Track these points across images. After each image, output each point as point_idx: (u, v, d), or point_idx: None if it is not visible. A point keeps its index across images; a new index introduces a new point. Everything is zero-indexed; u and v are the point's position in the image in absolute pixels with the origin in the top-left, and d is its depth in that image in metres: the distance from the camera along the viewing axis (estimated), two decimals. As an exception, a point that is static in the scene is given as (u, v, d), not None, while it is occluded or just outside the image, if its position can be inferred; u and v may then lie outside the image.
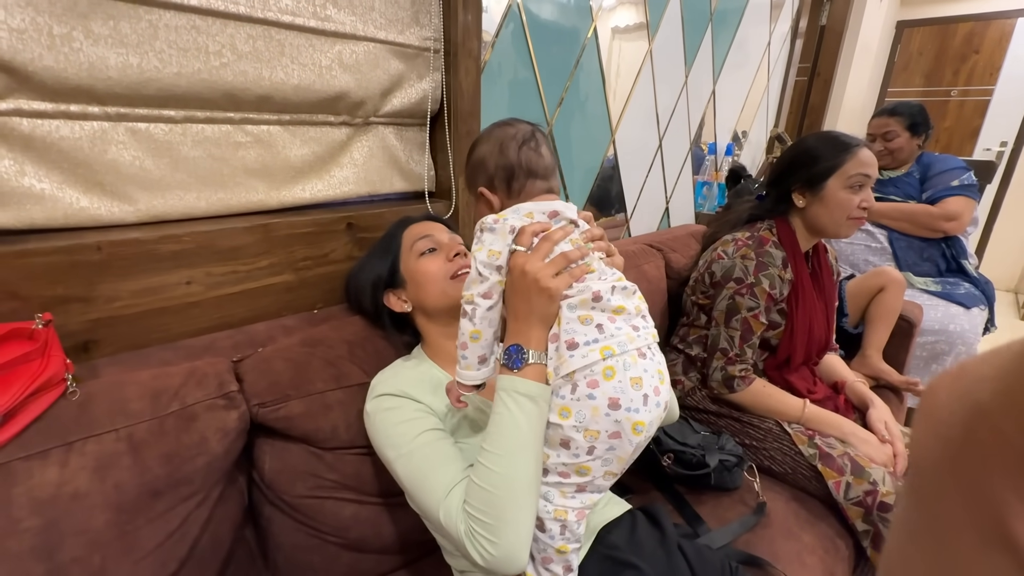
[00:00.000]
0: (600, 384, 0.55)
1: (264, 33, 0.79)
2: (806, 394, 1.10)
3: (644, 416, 0.56)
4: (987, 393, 0.20)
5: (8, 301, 0.64)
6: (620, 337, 0.57)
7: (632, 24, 1.54)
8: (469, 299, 0.61)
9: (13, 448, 0.54)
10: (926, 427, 0.23)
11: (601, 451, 0.57)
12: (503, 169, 0.65)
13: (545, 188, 0.66)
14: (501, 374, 0.60)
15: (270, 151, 0.86)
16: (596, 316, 0.58)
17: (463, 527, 0.57)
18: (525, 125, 0.67)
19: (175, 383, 0.65)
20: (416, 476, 0.63)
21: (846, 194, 1.03)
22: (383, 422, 0.68)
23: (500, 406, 0.58)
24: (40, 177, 0.67)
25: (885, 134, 1.75)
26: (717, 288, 1.10)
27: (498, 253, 0.60)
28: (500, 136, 0.66)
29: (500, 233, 0.61)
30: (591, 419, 0.55)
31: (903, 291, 1.43)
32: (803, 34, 2.52)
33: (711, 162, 2.13)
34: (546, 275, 0.57)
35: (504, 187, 0.65)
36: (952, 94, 3.43)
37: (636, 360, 0.57)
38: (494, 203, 0.66)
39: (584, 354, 0.56)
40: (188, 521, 0.62)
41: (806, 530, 0.93)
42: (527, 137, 0.65)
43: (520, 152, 0.64)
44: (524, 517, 0.56)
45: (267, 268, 0.87)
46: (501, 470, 0.56)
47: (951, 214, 1.66)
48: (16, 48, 0.61)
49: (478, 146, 0.68)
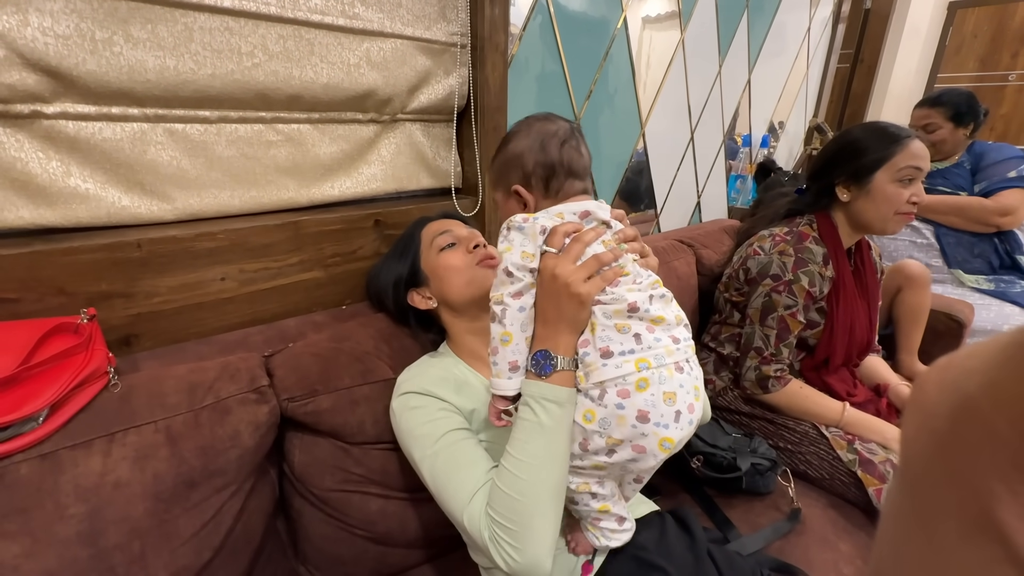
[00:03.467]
0: (631, 395, 0.53)
1: (294, 33, 0.80)
2: (846, 397, 1.06)
3: (674, 433, 0.54)
4: (974, 386, 0.20)
5: (56, 296, 0.67)
6: (658, 349, 0.55)
7: (664, 13, 1.49)
8: (499, 299, 0.59)
9: (60, 438, 0.57)
10: (915, 419, 0.24)
11: (622, 459, 0.55)
12: (543, 167, 0.62)
13: (582, 188, 0.63)
14: (528, 379, 0.58)
15: (300, 149, 0.88)
16: (634, 326, 0.55)
17: (487, 533, 0.56)
18: (564, 122, 0.64)
19: (210, 377, 0.67)
20: (440, 479, 0.63)
21: (895, 188, 0.97)
22: (408, 422, 0.68)
23: (526, 411, 0.57)
24: (85, 177, 0.70)
25: (926, 126, 1.65)
26: (752, 285, 1.06)
27: (531, 255, 0.58)
28: (541, 132, 0.63)
29: (530, 233, 0.58)
30: (616, 427, 0.54)
31: (926, 286, 1.33)
32: (846, 18, 2.41)
33: (745, 155, 2.06)
34: (577, 279, 0.55)
35: (542, 186, 0.62)
36: (1010, 79, 3.21)
37: (672, 374, 0.54)
38: (529, 203, 0.63)
39: (618, 364, 0.54)
40: (222, 511, 0.64)
41: (843, 539, 0.90)
42: (568, 135, 0.63)
43: (563, 150, 0.61)
44: (549, 525, 0.56)
45: (297, 265, 0.88)
46: (526, 476, 0.55)
47: (1006, 208, 1.56)
48: (62, 54, 0.63)
49: (515, 140, 0.64)
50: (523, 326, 0.58)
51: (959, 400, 0.20)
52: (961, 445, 0.20)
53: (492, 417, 0.61)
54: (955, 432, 0.20)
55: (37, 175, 0.66)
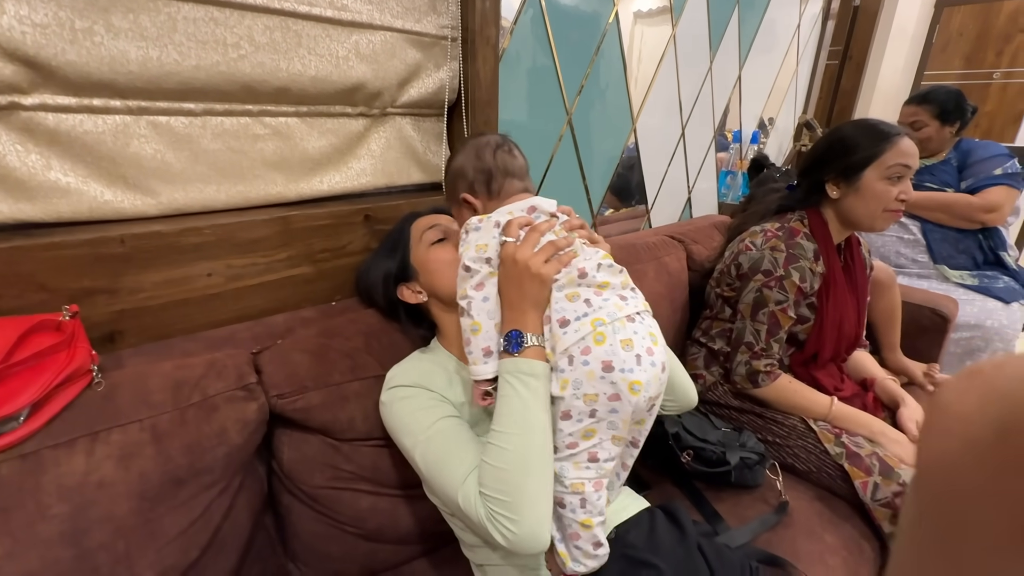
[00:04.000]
0: (592, 349, 0.58)
1: (281, 24, 0.78)
2: (833, 391, 1.07)
3: (640, 375, 0.58)
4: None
5: (36, 293, 0.65)
6: (608, 308, 0.60)
7: (655, 8, 1.49)
8: (463, 295, 0.64)
9: (42, 437, 0.55)
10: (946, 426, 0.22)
11: (603, 412, 0.59)
12: (481, 172, 0.69)
13: (522, 187, 0.70)
14: (503, 359, 0.62)
15: (288, 143, 0.86)
16: (583, 292, 0.61)
17: (483, 511, 0.57)
18: (496, 135, 0.72)
19: (196, 374, 0.66)
20: (434, 463, 0.63)
21: (884, 185, 0.98)
22: (399, 410, 0.69)
23: (505, 387, 0.60)
24: (66, 171, 0.68)
25: (913, 123, 1.66)
26: (744, 280, 1.07)
27: (485, 246, 0.63)
28: (474, 145, 0.71)
29: (485, 229, 0.65)
30: (587, 383, 0.58)
31: (892, 285, 1.33)
32: (835, 15, 2.42)
33: (736, 151, 2.07)
34: (537, 261, 0.60)
35: (484, 189, 0.69)
36: (994, 76, 3.25)
37: (625, 324, 0.60)
38: (477, 206, 0.70)
39: (576, 328, 0.59)
40: (210, 509, 0.63)
41: (829, 531, 0.91)
42: (499, 143, 0.70)
43: (496, 155, 0.69)
44: (541, 492, 0.57)
45: (286, 260, 0.87)
46: (513, 447, 0.57)
47: (992, 205, 1.58)
48: (40, 43, 0.61)
49: (454, 159, 0.72)
50: (490, 314, 0.63)
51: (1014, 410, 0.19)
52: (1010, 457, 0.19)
53: (476, 399, 0.65)
54: (1004, 443, 0.19)
55: (16, 168, 0.64)
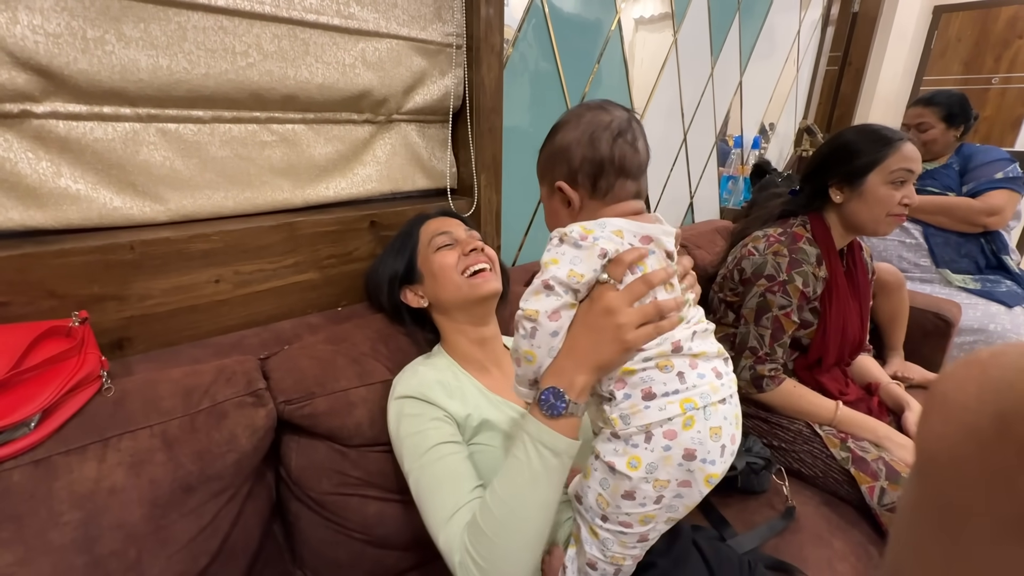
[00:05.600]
0: (678, 435, 0.50)
1: (289, 32, 0.79)
2: (838, 395, 1.07)
3: (719, 468, 0.52)
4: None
5: (47, 299, 0.66)
6: (703, 387, 0.51)
7: (657, 15, 1.50)
8: (531, 315, 0.52)
9: (53, 443, 0.56)
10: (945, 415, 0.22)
11: (668, 499, 0.52)
12: (591, 163, 0.55)
13: (635, 190, 0.57)
14: (532, 414, 0.54)
15: (295, 150, 0.87)
16: (677, 363, 0.51)
17: (458, 557, 0.56)
18: (621, 111, 0.56)
19: (206, 381, 0.66)
20: (424, 494, 0.63)
21: (887, 190, 0.99)
22: (398, 432, 0.69)
23: (520, 451, 0.54)
24: (76, 178, 0.69)
25: (919, 125, 1.67)
26: (747, 285, 1.07)
27: (580, 276, 0.51)
28: (592, 123, 0.55)
29: (588, 254, 0.51)
30: (663, 468, 0.50)
31: (900, 288, 1.34)
32: (834, 21, 2.44)
33: (737, 156, 2.08)
34: (631, 323, 0.50)
35: (588, 184, 0.55)
36: (993, 82, 3.27)
37: (717, 407, 0.51)
38: (574, 201, 0.56)
39: (662, 406, 0.50)
40: (219, 516, 0.63)
41: (837, 536, 0.91)
42: (623, 127, 0.55)
43: (614, 145, 0.54)
44: (521, 568, 0.54)
45: (293, 266, 0.88)
46: (506, 519, 0.54)
47: (993, 208, 1.58)
48: (52, 52, 0.62)
49: (563, 131, 0.57)
50: (551, 352, 0.54)
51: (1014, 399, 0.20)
52: (1009, 446, 0.19)
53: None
54: (1004, 431, 0.20)
55: (27, 175, 0.65)
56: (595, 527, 0.54)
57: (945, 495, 0.22)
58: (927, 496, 0.24)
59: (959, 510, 0.21)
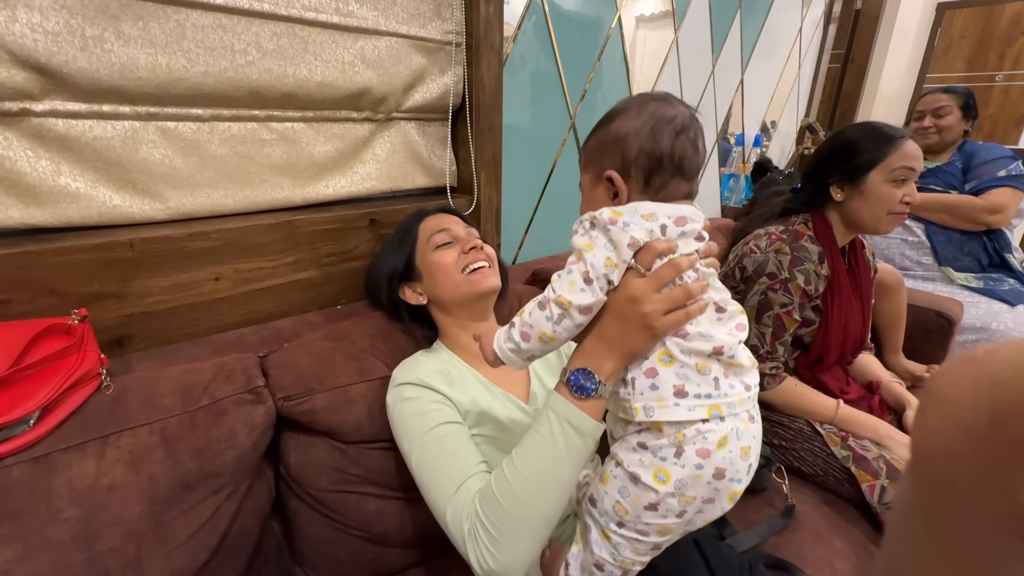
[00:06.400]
0: (712, 454, 0.49)
1: (288, 30, 0.79)
2: (839, 394, 1.07)
3: (743, 486, 0.51)
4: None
5: (47, 297, 0.66)
6: (732, 397, 0.50)
7: (658, 12, 1.50)
8: (565, 304, 0.50)
9: (52, 440, 0.56)
10: (941, 412, 0.23)
11: (691, 514, 0.51)
12: (649, 157, 0.51)
13: (686, 192, 0.54)
14: (559, 392, 0.54)
15: (294, 148, 0.87)
16: (715, 368, 0.50)
17: (467, 525, 0.55)
18: (684, 107, 0.53)
19: (205, 378, 0.67)
20: (426, 471, 0.62)
21: (888, 188, 0.98)
22: (400, 414, 0.68)
23: (545, 427, 0.53)
24: (75, 176, 0.69)
25: (937, 109, 1.66)
26: (748, 283, 1.07)
27: (615, 265, 0.50)
28: (655, 115, 0.52)
29: (618, 242, 0.50)
30: (691, 486, 0.49)
31: (900, 289, 1.34)
32: (837, 19, 2.43)
33: (738, 154, 2.07)
34: (658, 311, 0.49)
35: (641, 178, 0.52)
36: (997, 79, 3.25)
37: (747, 427, 0.51)
38: (622, 193, 0.53)
39: (691, 407, 0.49)
40: (218, 513, 0.63)
41: (837, 535, 0.90)
42: (687, 124, 0.52)
43: (676, 141, 0.51)
44: (533, 543, 0.54)
45: (292, 264, 0.88)
46: (523, 492, 0.53)
47: (996, 206, 1.58)
48: (51, 51, 0.62)
49: (621, 118, 0.54)
50: (571, 337, 0.53)
51: (1008, 397, 0.20)
52: (1004, 443, 0.19)
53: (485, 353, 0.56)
54: (998, 429, 0.20)
55: (26, 174, 0.65)
56: (608, 531, 0.54)
57: (940, 491, 0.22)
58: (922, 492, 0.24)
59: (954, 506, 0.22)
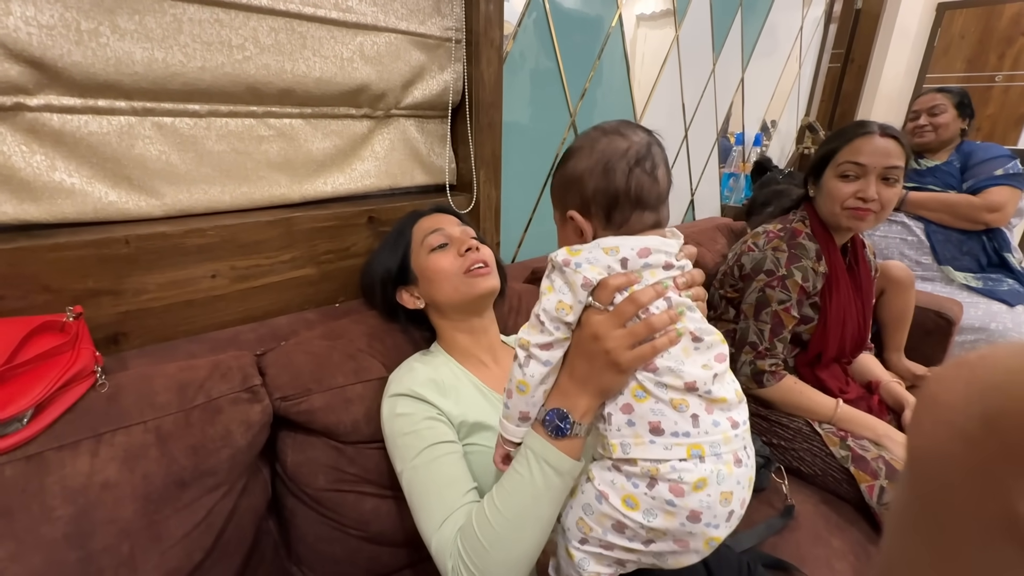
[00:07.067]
0: (686, 495, 0.47)
1: (286, 26, 0.78)
2: (838, 393, 1.07)
3: (722, 532, 0.49)
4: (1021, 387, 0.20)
5: (41, 294, 0.65)
6: (715, 436, 0.48)
7: (659, 11, 1.49)
8: (525, 345, 0.52)
9: (45, 439, 0.55)
10: (935, 415, 0.23)
11: (659, 549, 0.50)
12: (604, 195, 0.51)
13: (653, 222, 0.53)
14: (536, 432, 0.54)
15: (292, 144, 0.86)
16: (692, 404, 0.48)
17: (451, 563, 0.55)
18: (640, 135, 0.53)
19: (200, 376, 0.66)
20: (416, 497, 0.63)
21: (836, 183, 1.01)
22: (392, 431, 0.68)
23: (524, 467, 0.53)
24: (70, 172, 0.68)
25: (932, 108, 1.67)
26: (747, 281, 1.07)
27: (569, 308, 0.50)
28: (607, 151, 0.52)
29: (572, 283, 0.50)
30: (661, 519, 0.48)
31: (910, 288, 1.34)
32: (837, 18, 2.43)
33: (738, 153, 2.07)
34: (621, 347, 0.48)
35: (602, 215, 0.52)
36: (996, 79, 3.25)
37: (732, 470, 0.48)
38: (586, 232, 0.53)
39: (667, 445, 0.47)
40: (213, 512, 0.63)
41: (836, 535, 0.90)
42: (642, 155, 0.51)
43: (631, 176, 0.51)
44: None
45: (290, 262, 0.87)
46: (503, 532, 0.53)
47: (994, 205, 1.58)
48: (46, 44, 0.61)
49: (575, 157, 0.54)
50: (543, 379, 0.53)
51: (999, 401, 0.20)
52: (996, 446, 0.20)
53: (497, 460, 0.58)
54: (991, 432, 0.20)
55: (20, 169, 0.64)
56: (571, 549, 0.53)
57: (934, 494, 0.23)
58: (917, 495, 0.24)
59: (948, 509, 0.22)
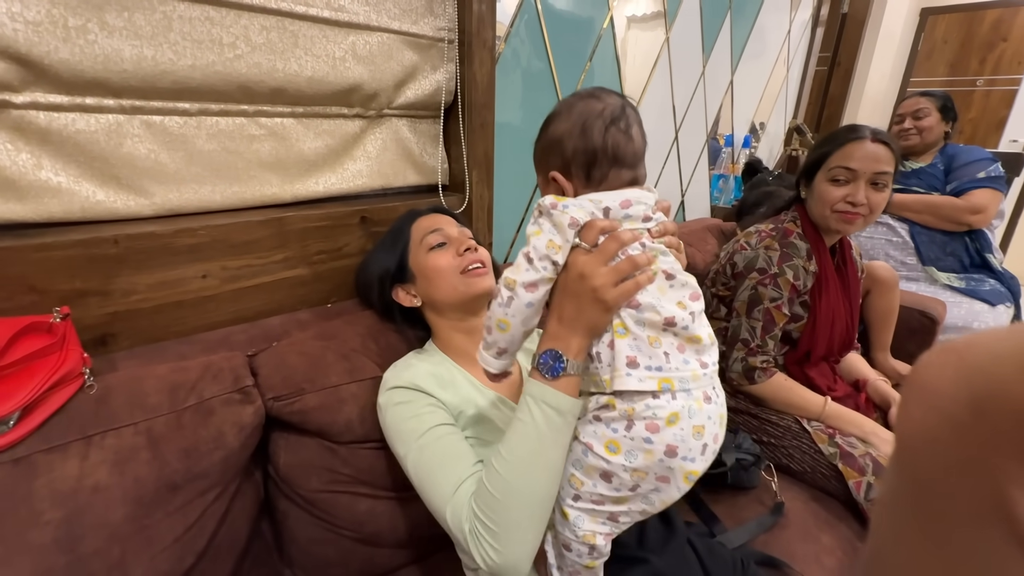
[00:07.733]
0: (661, 430, 0.50)
1: (278, 24, 0.78)
2: (826, 391, 1.08)
3: (699, 466, 0.52)
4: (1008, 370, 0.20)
5: (27, 295, 0.64)
6: (684, 372, 0.51)
7: (649, 13, 1.50)
8: (510, 284, 0.53)
9: (33, 441, 0.54)
10: (923, 402, 0.23)
11: (645, 490, 0.53)
12: (583, 154, 0.55)
13: (630, 178, 0.56)
14: (533, 378, 0.55)
15: (284, 144, 0.86)
16: (665, 342, 0.51)
17: (467, 526, 0.55)
18: (614, 98, 0.56)
19: (192, 377, 0.65)
20: (424, 473, 0.62)
21: (826, 187, 1.03)
22: (393, 417, 0.68)
23: (525, 413, 0.54)
24: (57, 170, 0.67)
25: (916, 112, 1.70)
26: (739, 279, 1.08)
27: (558, 247, 0.52)
28: (584, 112, 0.55)
29: (560, 224, 0.52)
30: (642, 459, 0.51)
31: (894, 288, 1.36)
32: (824, 22, 2.46)
33: (728, 154, 2.09)
34: (607, 283, 0.51)
35: (582, 174, 0.56)
36: (978, 84, 3.32)
37: (702, 406, 0.51)
38: (568, 191, 0.57)
39: (641, 377, 0.50)
40: (205, 515, 0.62)
41: (825, 531, 0.92)
42: (616, 115, 0.55)
43: (607, 134, 0.54)
44: (532, 530, 0.54)
45: (281, 262, 0.86)
46: (514, 480, 0.53)
47: (976, 206, 1.61)
48: (32, 41, 0.60)
49: (555, 121, 0.57)
50: (526, 320, 0.54)
51: (987, 385, 0.20)
52: (984, 430, 0.20)
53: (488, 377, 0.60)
54: (979, 416, 0.20)
55: (6, 167, 0.63)
56: (565, 508, 0.55)
57: (923, 480, 0.23)
58: (906, 481, 0.24)
59: (938, 495, 0.22)
